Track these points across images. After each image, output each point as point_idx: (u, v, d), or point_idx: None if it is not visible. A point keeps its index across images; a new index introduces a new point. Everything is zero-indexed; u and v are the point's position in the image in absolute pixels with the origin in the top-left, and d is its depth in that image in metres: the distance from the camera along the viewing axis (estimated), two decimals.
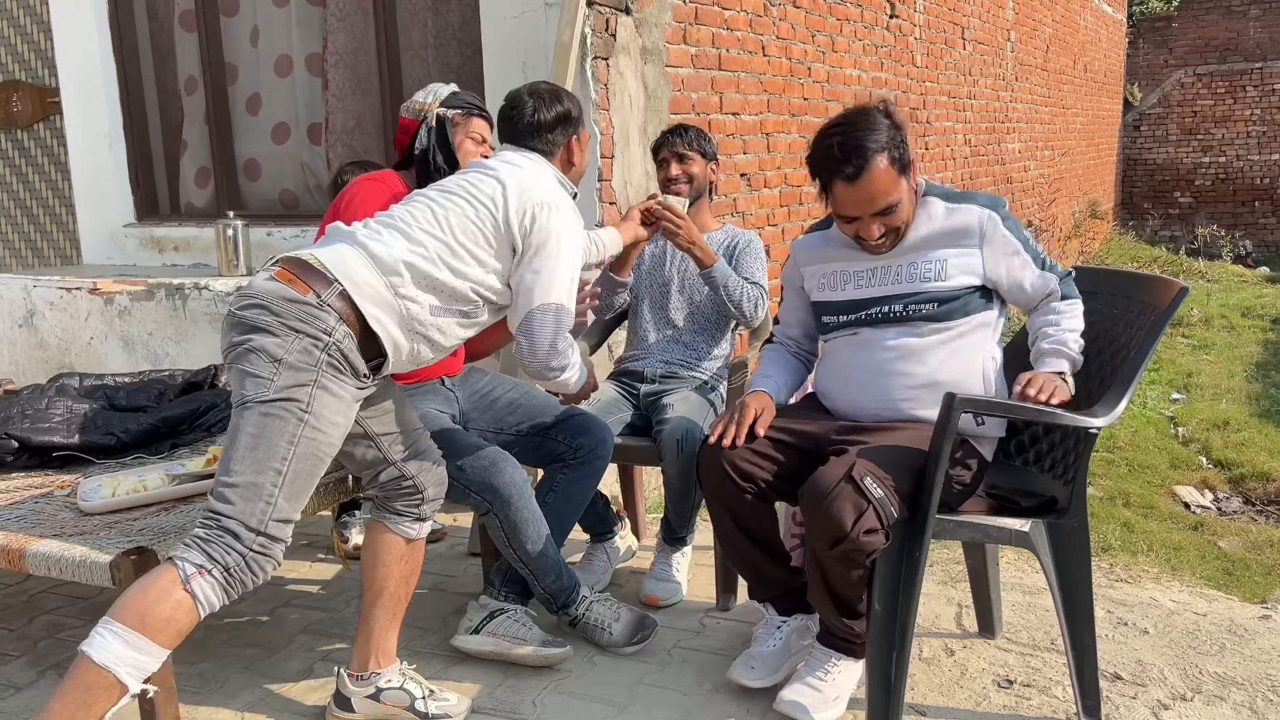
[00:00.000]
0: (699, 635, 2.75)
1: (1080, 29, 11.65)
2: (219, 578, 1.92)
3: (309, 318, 1.98)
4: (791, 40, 5.06)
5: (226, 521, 1.93)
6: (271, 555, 1.98)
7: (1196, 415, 6.30)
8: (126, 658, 1.85)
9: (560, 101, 2.44)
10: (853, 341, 2.39)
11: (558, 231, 2.23)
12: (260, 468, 1.94)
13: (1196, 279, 11.39)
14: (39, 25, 5.13)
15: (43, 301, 4.48)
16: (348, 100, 4.54)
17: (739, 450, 2.33)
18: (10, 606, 3.06)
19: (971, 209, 2.32)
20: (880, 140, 2.21)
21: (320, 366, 1.97)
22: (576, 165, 2.49)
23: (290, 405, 1.95)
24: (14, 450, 2.76)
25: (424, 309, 2.12)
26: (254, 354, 1.97)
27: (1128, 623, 2.79)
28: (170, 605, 1.89)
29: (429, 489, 2.29)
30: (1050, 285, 2.35)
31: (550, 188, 2.29)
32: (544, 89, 2.45)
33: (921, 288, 2.31)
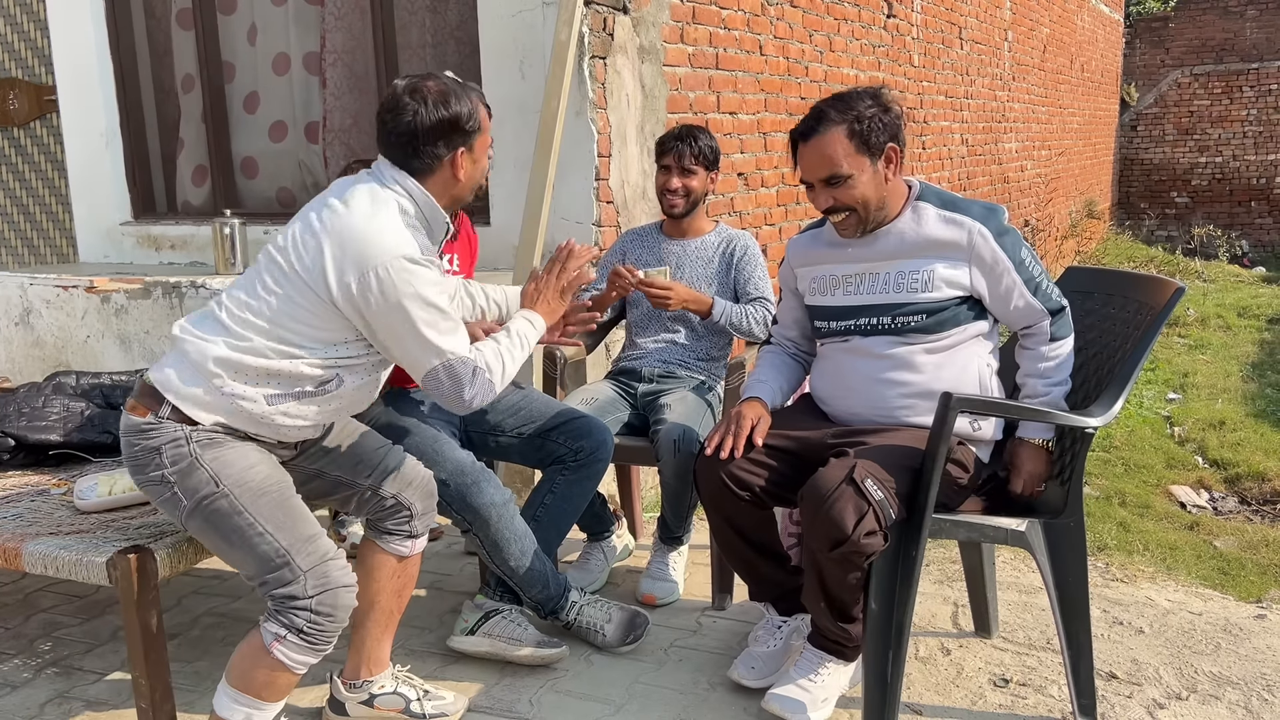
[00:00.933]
0: (695, 634, 2.75)
1: (1077, 29, 11.67)
2: (296, 640, 1.97)
3: (158, 435, 2.00)
4: (789, 40, 5.06)
5: (275, 591, 1.98)
6: (330, 581, 1.98)
7: (1192, 415, 6.31)
8: (241, 713, 2.02)
9: (447, 104, 2.04)
10: (846, 348, 2.38)
11: (393, 298, 1.94)
12: (247, 546, 1.99)
13: (1193, 279, 11.42)
14: (36, 23, 5.13)
15: (39, 300, 4.47)
16: (345, 99, 4.54)
17: (735, 459, 2.32)
18: (6, 605, 3.06)
19: (964, 221, 2.26)
20: (847, 113, 2.21)
21: (196, 454, 1.99)
22: (463, 181, 2.12)
23: (207, 499, 1.98)
24: (10, 448, 2.76)
25: (258, 402, 2.00)
26: (149, 487, 2.04)
27: (1123, 622, 2.80)
28: (265, 670, 2.00)
29: (416, 504, 2.25)
30: (1037, 316, 2.28)
31: (379, 242, 1.95)
32: (430, 87, 2.05)
33: (909, 299, 2.27)
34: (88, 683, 2.59)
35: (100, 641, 2.81)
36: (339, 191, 2.05)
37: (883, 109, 2.24)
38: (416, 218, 2.07)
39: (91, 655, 2.74)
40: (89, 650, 2.76)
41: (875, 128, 2.21)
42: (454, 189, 2.12)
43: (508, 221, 3.91)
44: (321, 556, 1.98)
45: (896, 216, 2.31)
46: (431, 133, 2.04)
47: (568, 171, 3.76)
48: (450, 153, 2.07)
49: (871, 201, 2.26)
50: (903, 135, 2.30)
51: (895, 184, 2.30)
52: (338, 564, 2.00)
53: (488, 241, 3.65)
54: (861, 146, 2.21)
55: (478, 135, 2.11)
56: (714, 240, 3.11)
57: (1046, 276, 2.30)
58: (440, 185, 2.10)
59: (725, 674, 2.51)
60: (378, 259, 1.93)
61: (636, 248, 3.18)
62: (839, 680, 2.32)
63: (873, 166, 2.23)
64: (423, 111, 2.03)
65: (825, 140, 2.22)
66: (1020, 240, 2.28)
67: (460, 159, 2.09)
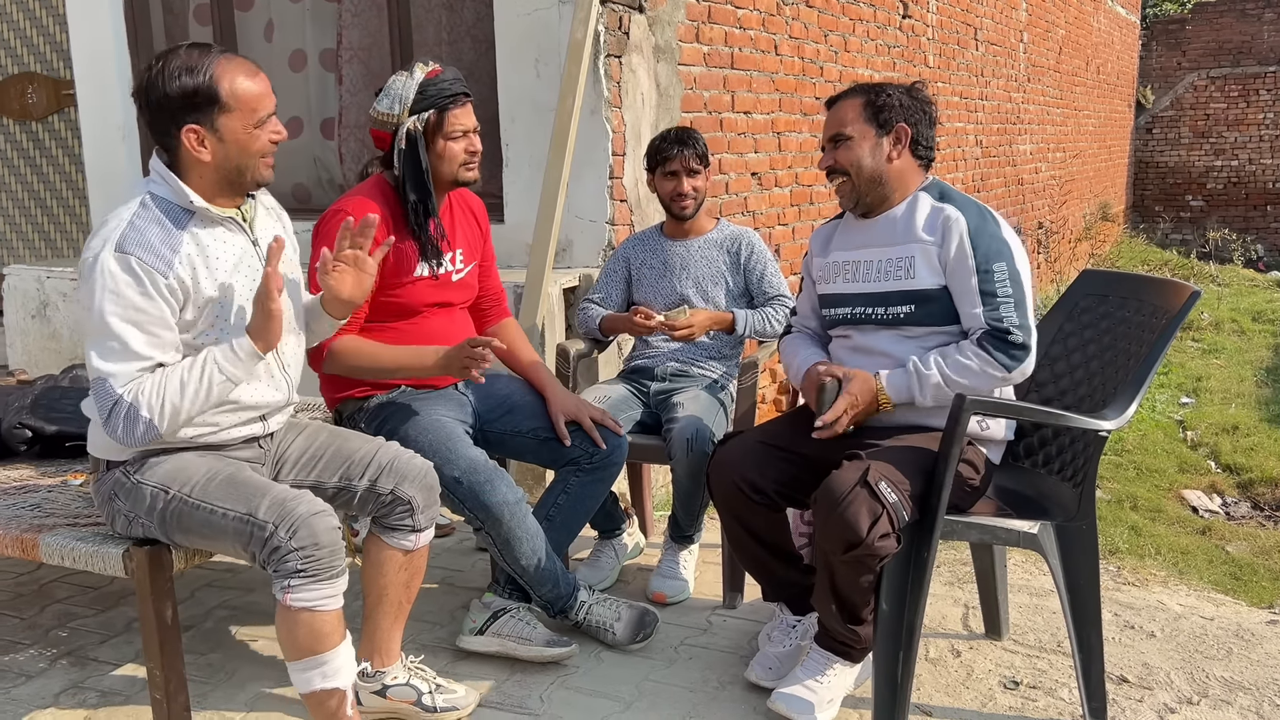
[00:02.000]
0: (705, 633, 2.76)
1: (1093, 31, 11.62)
2: (300, 581, 1.99)
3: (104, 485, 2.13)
4: (804, 40, 5.06)
5: (261, 554, 2.00)
6: (296, 517, 1.98)
7: (1205, 419, 6.29)
8: (315, 678, 2.06)
9: (168, 80, 1.91)
10: (851, 346, 2.40)
11: (87, 297, 1.91)
12: (218, 530, 2.03)
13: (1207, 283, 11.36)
14: (55, 18, 5.16)
15: (55, 293, 4.51)
16: (361, 96, 4.55)
17: (748, 462, 2.34)
18: (22, 595, 3.09)
19: (946, 209, 2.28)
20: (873, 89, 2.34)
21: (136, 481, 2.07)
22: (212, 162, 1.98)
23: (165, 508, 2.05)
24: (27, 440, 2.78)
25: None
26: (129, 532, 2.13)
27: (1134, 626, 2.79)
28: (300, 627, 2.02)
29: (416, 497, 2.24)
30: (976, 327, 2.22)
31: (94, 239, 1.92)
32: (166, 61, 1.92)
33: (895, 286, 2.31)
34: (102, 673, 2.61)
35: (115, 632, 2.83)
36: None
37: (908, 95, 2.33)
38: (164, 205, 1.99)
39: (106, 646, 2.76)
40: (103, 641, 2.78)
41: (890, 105, 2.31)
42: (205, 171, 1.99)
43: (522, 219, 3.92)
44: (280, 502, 2.00)
45: (898, 204, 2.35)
46: (157, 110, 1.95)
47: (582, 170, 3.76)
48: (179, 130, 1.95)
49: (865, 169, 2.32)
50: (926, 127, 2.35)
51: (903, 167, 2.34)
52: (300, 500, 2.01)
53: (501, 240, 3.65)
54: (872, 118, 2.32)
55: (219, 113, 1.95)
56: (717, 237, 3.11)
57: (1015, 305, 2.20)
58: (189, 166, 1.99)
59: (735, 672, 2.52)
60: (85, 254, 1.94)
61: (640, 252, 3.18)
62: (845, 681, 2.32)
63: (876, 137, 2.32)
64: (146, 85, 1.94)
65: (844, 104, 2.37)
66: (1003, 253, 2.22)
67: (196, 137, 1.95)
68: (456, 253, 2.68)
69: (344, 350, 2.47)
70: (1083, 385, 2.46)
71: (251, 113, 2.00)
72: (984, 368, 2.20)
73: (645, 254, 3.17)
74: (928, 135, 2.35)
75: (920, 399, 2.24)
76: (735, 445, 2.40)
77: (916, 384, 2.23)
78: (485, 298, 2.83)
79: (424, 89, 2.46)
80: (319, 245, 2.47)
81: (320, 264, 2.17)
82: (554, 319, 3.60)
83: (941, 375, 2.22)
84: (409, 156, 2.48)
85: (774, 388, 4.87)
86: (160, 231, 1.97)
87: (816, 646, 2.33)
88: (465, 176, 2.56)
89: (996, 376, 2.21)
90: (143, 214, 1.97)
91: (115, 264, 1.91)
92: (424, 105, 2.46)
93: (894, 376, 2.26)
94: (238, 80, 1.98)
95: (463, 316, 2.75)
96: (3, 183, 5.53)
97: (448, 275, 2.63)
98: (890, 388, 2.26)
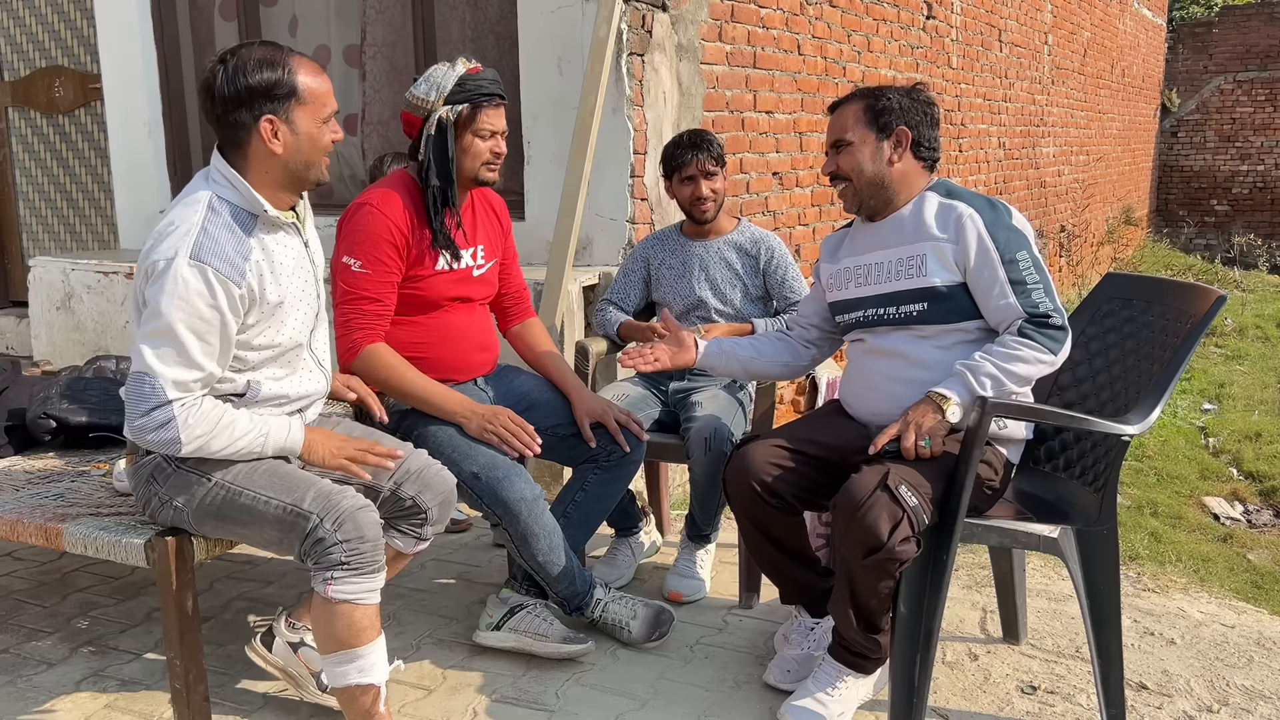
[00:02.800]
0: (721, 632, 2.76)
1: (1119, 33, 11.53)
2: (343, 574, 2.01)
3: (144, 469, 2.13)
4: (827, 39, 5.05)
5: (303, 545, 2.02)
6: (342, 510, 2.00)
7: (1228, 426, 6.23)
8: (351, 672, 2.06)
9: (248, 72, 1.95)
10: (865, 349, 2.39)
11: (155, 298, 1.93)
12: (259, 519, 2.05)
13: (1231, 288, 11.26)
14: (82, 12, 5.20)
15: (80, 285, 4.55)
16: (384, 92, 4.57)
17: (765, 467, 2.33)
18: (44, 584, 3.12)
19: (957, 205, 2.26)
20: (872, 93, 2.34)
21: (177, 465, 2.08)
22: (283, 155, 2.02)
23: (205, 495, 2.06)
24: (51, 430, 2.81)
25: None
26: (162, 516, 2.14)
27: (1154, 633, 2.77)
28: (339, 619, 2.03)
29: (433, 509, 2.27)
30: (1014, 316, 2.18)
31: (162, 242, 1.94)
32: (242, 53, 1.97)
33: (906, 285, 2.29)
34: (122, 662, 2.64)
35: (135, 622, 2.86)
36: (179, 196, 2.05)
37: (907, 97, 2.32)
38: (231, 210, 2.01)
39: (126, 635, 2.78)
40: (124, 630, 2.81)
41: (890, 109, 2.31)
42: (273, 166, 2.03)
43: (543, 216, 3.93)
44: (326, 495, 2.02)
45: (904, 205, 2.34)
46: (233, 101, 1.96)
47: (603, 168, 3.77)
48: (255, 120, 1.98)
49: (867, 173, 2.32)
50: (927, 128, 2.33)
51: (905, 169, 2.33)
52: (345, 494, 2.03)
53: (522, 237, 3.66)
54: (871, 122, 2.32)
55: (294, 104, 2.00)
56: (737, 239, 3.11)
57: (1044, 289, 2.18)
58: (257, 163, 2.02)
59: (751, 672, 2.52)
60: (156, 256, 1.94)
61: (659, 252, 3.18)
62: (857, 694, 2.31)
63: (877, 142, 2.32)
64: (223, 78, 1.96)
65: (844, 110, 2.37)
66: (1022, 242, 2.21)
67: (271, 128, 1.99)
68: (478, 248, 2.69)
69: (375, 356, 2.48)
70: (1105, 389, 2.44)
71: (322, 107, 2.05)
72: (1033, 355, 2.15)
73: (664, 253, 3.16)
74: (930, 136, 2.33)
75: (980, 390, 2.14)
76: (752, 449, 2.38)
77: (970, 378, 2.15)
78: (508, 296, 2.84)
79: (463, 82, 2.48)
80: (343, 241, 2.50)
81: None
82: (573, 317, 3.61)
83: (994, 365, 2.15)
84: (437, 143, 2.49)
85: (791, 388, 4.86)
86: (232, 239, 1.99)
87: (829, 658, 2.32)
88: (485, 176, 2.57)
89: (1045, 361, 2.16)
90: (213, 219, 1.98)
91: (190, 273, 1.92)
92: (460, 98, 2.48)
93: (946, 381, 2.19)
94: (311, 76, 2.03)
95: (483, 312, 2.76)
96: (30, 175, 5.58)
97: (468, 270, 2.64)
98: (945, 389, 2.16)
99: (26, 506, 2.33)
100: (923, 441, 2.12)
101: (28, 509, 2.31)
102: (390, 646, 2.64)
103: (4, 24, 5.43)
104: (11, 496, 2.41)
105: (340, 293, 2.49)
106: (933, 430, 2.13)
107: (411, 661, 2.61)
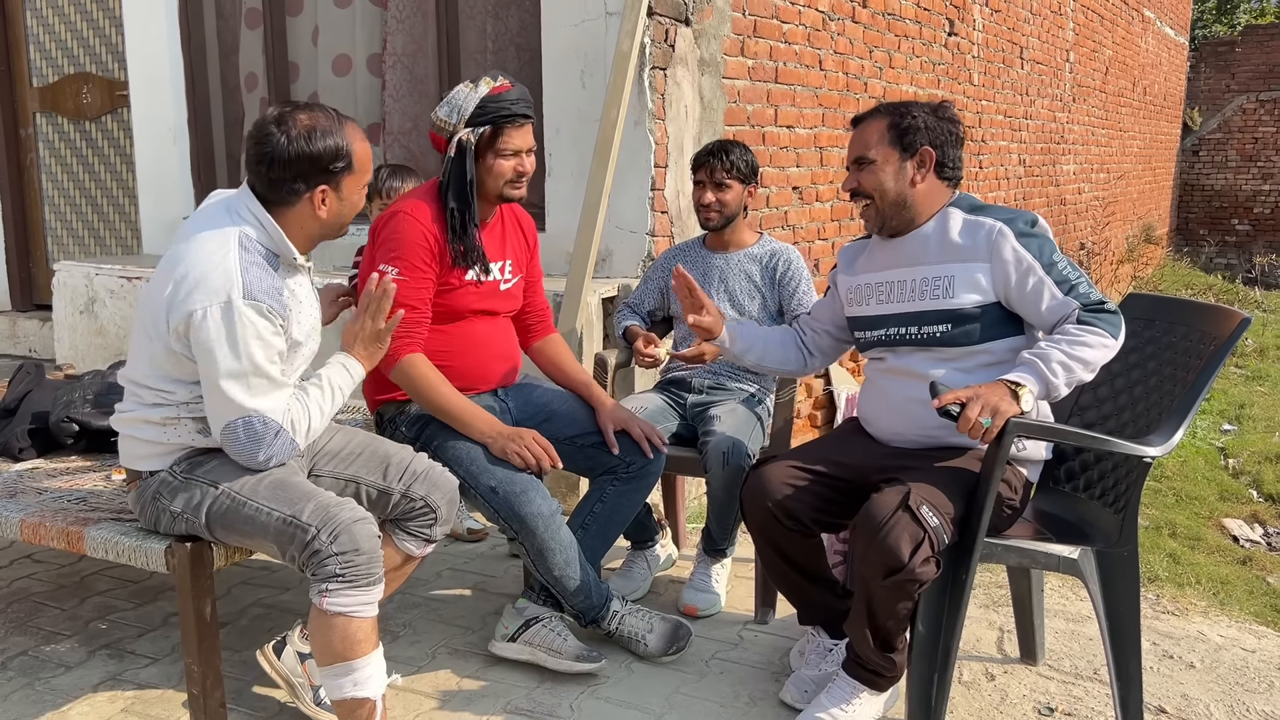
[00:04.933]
0: (737, 647, 2.75)
1: (1141, 51, 11.50)
2: (339, 585, 2.02)
3: (148, 486, 2.16)
4: (849, 55, 5.05)
5: (302, 556, 2.03)
6: (339, 522, 2.01)
7: (1248, 447, 6.18)
8: (346, 685, 2.07)
9: (312, 139, 2.00)
10: (884, 368, 2.38)
11: (206, 343, 1.96)
12: (261, 529, 2.06)
13: (1253, 308, 11.18)
14: (111, 20, 5.26)
15: (104, 289, 4.58)
16: (405, 101, 4.60)
17: (782, 488, 2.32)
18: (63, 587, 3.14)
19: (984, 221, 2.25)
20: (896, 111, 2.31)
21: (184, 478, 2.12)
22: (327, 220, 2.09)
23: (212, 503, 2.08)
24: (74, 433, 2.83)
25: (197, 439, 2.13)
26: (171, 531, 2.17)
27: (1173, 656, 2.75)
28: (335, 631, 2.03)
29: (441, 508, 2.29)
30: (1070, 309, 2.16)
31: (208, 283, 1.95)
32: (300, 119, 2.01)
33: (932, 306, 2.26)
34: (139, 666, 2.65)
35: (153, 626, 2.87)
36: (191, 228, 2.07)
37: (934, 115, 2.29)
38: (261, 251, 2.05)
39: (144, 640, 2.79)
40: (141, 634, 2.82)
41: (915, 128, 2.28)
42: (313, 227, 2.09)
43: (563, 228, 3.94)
44: (324, 507, 2.04)
45: (926, 222, 2.32)
46: (290, 166, 2.00)
47: (624, 181, 3.78)
48: (310, 190, 2.04)
49: (889, 193, 2.30)
50: (952, 148, 2.31)
51: (928, 189, 2.31)
52: (344, 507, 2.05)
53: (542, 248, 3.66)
54: (895, 140, 2.29)
55: (346, 175, 2.06)
56: (757, 252, 3.11)
57: (1087, 282, 2.19)
58: (297, 220, 2.07)
59: (767, 688, 2.51)
60: (196, 305, 1.95)
61: (681, 262, 3.19)
62: (871, 710, 2.29)
63: (900, 161, 2.29)
64: (284, 143, 1.99)
65: (868, 126, 2.34)
66: (1052, 246, 2.21)
67: (321, 197, 2.05)
68: (506, 263, 2.71)
69: (413, 367, 2.50)
70: (1126, 410, 2.43)
71: (366, 174, 2.12)
72: (1098, 340, 2.10)
73: (685, 264, 3.17)
74: (954, 156, 2.32)
75: (1053, 378, 2.07)
76: (769, 470, 2.38)
77: (1042, 366, 2.08)
78: (530, 313, 2.85)
79: (485, 104, 2.48)
80: (380, 250, 2.51)
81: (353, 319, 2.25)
82: (592, 328, 3.61)
83: (1063, 353, 2.08)
84: (456, 165, 2.51)
85: (809, 402, 4.85)
86: (266, 276, 2.03)
87: (843, 674, 2.30)
88: (510, 194, 2.59)
89: (1109, 346, 2.11)
90: (245, 257, 2.00)
91: (252, 311, 1.97)
92: (482, 119, 2.48)
93: (1019, 368, 2.10)
94: (361, 143, 2.09)
95: (506, 325, 2.77)
96: (56, 180, 5.64)
97: (495, 284, 2.66)
98: (1020, 376, 2.08)
99: (49, 510, 2.35)
100: (984, 420, 2.01)
101: (50, 512, 2.33)
102: (405, 655, 2.66)
103: (34, 30, 5.50)
104: (35, 499, 2.43)
105: None
106: (1000, 413, 2.02)
107: (426, 671, 2.61)
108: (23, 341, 5.49)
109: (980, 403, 2.02)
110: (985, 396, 2.03)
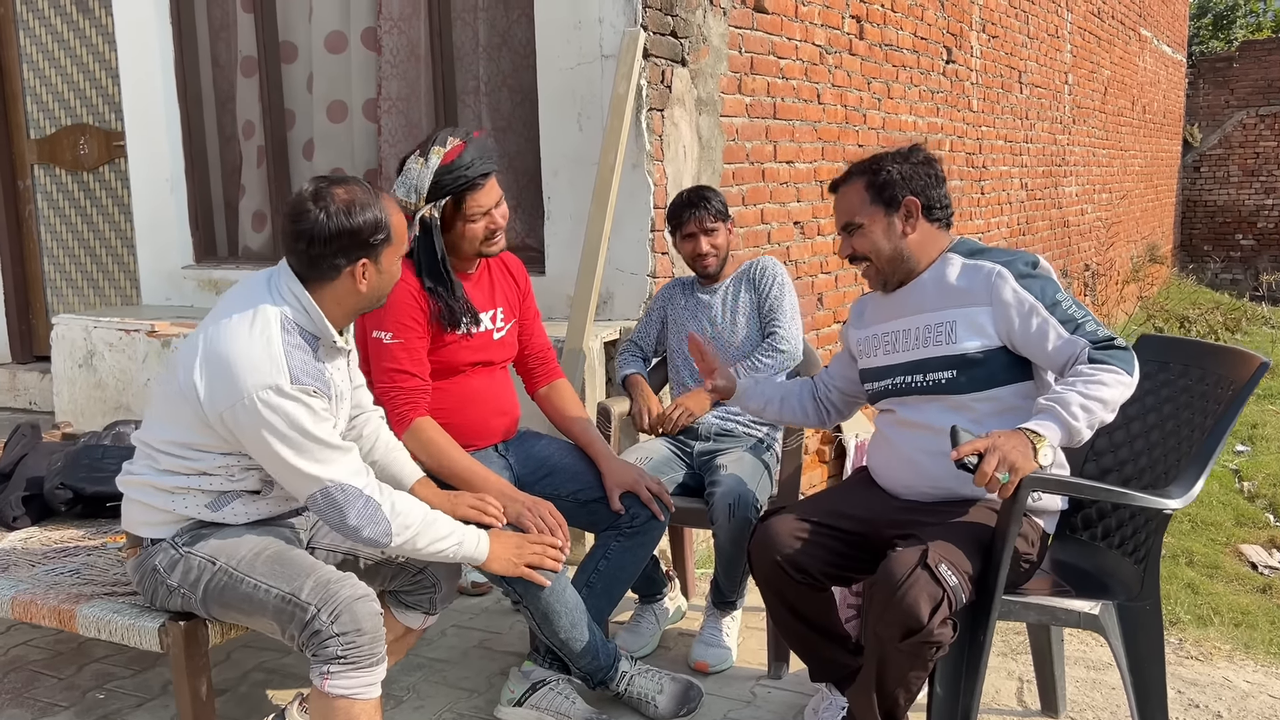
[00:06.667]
0: (749, 705, 2.68)
1: (1139, 70, 11.49)
2: (340, 668, 1.96)
3: (149, 559, 2.11)
4: (847, 88, 5.02)
5: (301, 636, 1.98)
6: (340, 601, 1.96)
7: (1262, 469, 6.10)
8: None
9: (352, 213, 1.97)
10: (894, 420, 2.33)
11: (256, 432, 1.94)
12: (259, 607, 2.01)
13: (1260, 325, 11.11)
14: (106, 71, 5.26)
15: (102, 343, 4.55)
16: (400, 146, 4.57)
17: (792, 541, 2.27)
18: (60, 654, 3.07)
19: (983, 265, 2.21)
20: (870, 168, 2.29)
21: (185, 552, 2.08)
22: (366, 293, 2.07)
23: (210, 580, 2.04)
24: (69, 500, 2.78)
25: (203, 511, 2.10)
26: (168, 605, 2.13)
27: (1199, 704, 2.67)
28: (339, 714, 1.97)
29: (442, 582, 2.26)
30: (1078, 348, 2.09)
31: (248, 373, 1.93)
32: (337, 194, 1.98)
33: (935, 353, 2.22)
34: None
35: (151, 695, 2.81)
36: (225, 308, 2.04)
37: (906, 163, 2.26)
38: (301, 331, 2.03)
39: (142, 710, 2.73)
40: (140, 704, 2.76)
41: (893, 181, 2.25)
42: (351, 301, 2.07)
43: (564, 271, 3.90)
44: (324, 584, 1.98)
45: (926, 269, 2.29)
46: (331, 242, 1.98)
47: (623, 223, 3.74)
48: (350, 264, 2.01)
49: (884, 252, 2.28)
50: (934, 189, 2.27)
51: (921, 238, 2.28)
52: (345, 584, 1.98)
53: (542, 292, 3.63)
54: (876, 198, 2.27)
55: (386, 247, 2.04)
56: (739, 273, 3.12)
57: (1094, 320, 2.12)
58: (336, 296, 2.05)
59: None
60: (244, 391, 1.92)
61: (676, 298, 3.20)
62: None
63: (887, 219, 2.27)
64: (323, 219, 1.97)
65: (847, 190, 2.33)
66: (1055, 286, 2.16)
67: (362, 270, 2.03)
68: (497, 311, 2.67)
69: (422, 432, 2.46)
70: (1143, 456, 2.37)
71: (402, 245, 2.10)
72: (1114, 377, 2.02)
73: (680, 300, 3.18)
74: (938, 196, 2.28)
75: (1074, 422, 1.98)
76: (777, 523, 2.32)
77: (1062, 412, 2.00)
78: (532, 356, 2.81)
79: (440, 177, 2.42)
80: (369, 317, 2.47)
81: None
82: (594, 374, 3.56)
83: (1079, 395, 2.00)
84: (424, 243, 2.47)
85: (816, 438, 4.79)
86: (307, 359, 2.01)
87: None
88: (488, 251, 2.56)
89: (1125, 383, 2.03)
90: (287, 340, 1.99)
91: (301, 394, 1.96)
92: (440, 193, 2.43)
93: (1037, 417, 2.02)
94: (398, 215, 2.08)
95: (503, 376, 2.73)
96: (54, 231, 5.62)
97: (488, 334, 2.62)
98: (1039, 425, 2.00)
99: (41, 585, 2.30)
100: (1001, 475, 1.93)
101: (42, 588, 2.28)
102: None
103: (30, 83, 5.49)
104: (27, 574, 2.38)
105: (377, 369, 2.48)
106: (1017, 470, 1.94)
107: None
108: (23, 394, 5.46)
109: (998, 455, 1.94)
110: (1003, 449, 1.95)
